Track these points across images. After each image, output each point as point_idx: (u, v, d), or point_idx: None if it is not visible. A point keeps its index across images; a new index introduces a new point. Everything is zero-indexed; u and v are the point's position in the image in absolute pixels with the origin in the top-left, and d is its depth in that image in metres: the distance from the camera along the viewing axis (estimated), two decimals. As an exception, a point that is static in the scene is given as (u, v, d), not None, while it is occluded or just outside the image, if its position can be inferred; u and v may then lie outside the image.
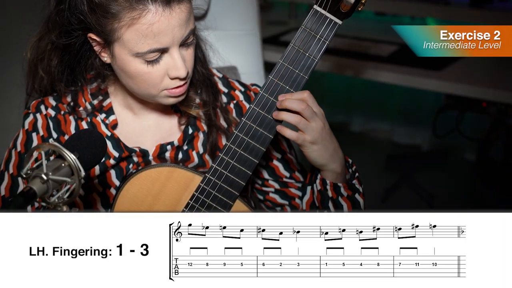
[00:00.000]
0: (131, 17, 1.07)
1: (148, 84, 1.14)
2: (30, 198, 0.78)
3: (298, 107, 1.11)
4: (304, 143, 1.13)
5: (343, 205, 1.23)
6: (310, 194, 1.26)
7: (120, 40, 1.09)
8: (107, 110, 1.25)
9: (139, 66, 1.11)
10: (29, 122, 1.24)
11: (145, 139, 1.26)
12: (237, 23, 1.79)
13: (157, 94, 1.16)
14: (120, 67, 1.14)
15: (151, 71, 1.12)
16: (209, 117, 1.27)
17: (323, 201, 1.23)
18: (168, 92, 1.16)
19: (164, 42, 1.09)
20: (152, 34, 1.07)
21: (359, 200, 1.25)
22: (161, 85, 1.14)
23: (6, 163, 1.24)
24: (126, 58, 1.11)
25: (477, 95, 2.33)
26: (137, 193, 1.17)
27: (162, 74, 1.13)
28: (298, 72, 1.14)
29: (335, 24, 1.12)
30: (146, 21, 1.06)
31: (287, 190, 1.34)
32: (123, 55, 1.11)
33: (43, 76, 1.23)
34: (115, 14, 1.07)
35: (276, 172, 1.33)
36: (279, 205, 1.35)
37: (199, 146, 1.28)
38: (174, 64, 1.12)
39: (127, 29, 1.08)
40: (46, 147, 0.81)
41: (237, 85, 1.34)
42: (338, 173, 1.20)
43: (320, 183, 1.22)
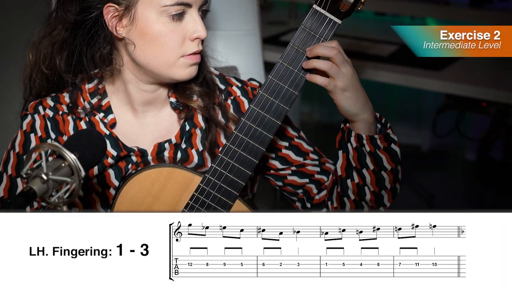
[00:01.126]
0: None
1: (168, 47, 1.16)
2: (30, 198, 0.78)
3: (330, 53, 1.11)
4: (335, 89, 1.13)
5: (382, 157, 1.21)
6: (343, 158, 1.23)
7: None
8: (105, 109, 1.25)
9: (163, 25, 1.14)
10: (27, 123, 1.24)
11: (143, 138, 1.26)
12: (237, 23, 1.79)
13: (174, 61, 1.17)
14: (142, 29, 1.15)
15: (174, 30, 1.15)
16: (208, 111, 1.27)
17: (360, 159, 1.20)
18: (186, 59, 1.17)
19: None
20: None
21: (396, 150, 1.24)
22: (180, 50, 1.16)
23: (5, 165, 1.24)
24: (151, 17, 1.14)
25: (477, 95, 2.33)
26: (137, 194, 1.17)
27: (183, 36, 1.16)
28: (298, 72, 1.14)
29: (334, 24, 1.12)
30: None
31: (304, 169, 1.32)
32: (147, 13, 1.14)
33: (47, 72, 1.23)
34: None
35: (289, 160, 1.31)
36: (300, 186, 1.33)
37: (198, 143, 1.27)
38: (195, 24, 1.16)
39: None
40: (46, 147, 0.81)
41: (234, 81, 1.34)
42: (370, 122, 1.18)
43: (355, 140, 1.19)
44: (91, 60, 1.22)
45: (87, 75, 1.24)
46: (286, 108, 1.15)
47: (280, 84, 1.14)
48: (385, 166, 1.22)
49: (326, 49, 1.12)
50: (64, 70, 1.22)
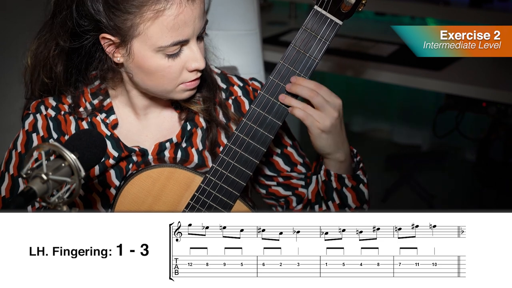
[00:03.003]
0: (155, 10, 1.07)
1: (166, 79, 1.14)
2: (30, 198, 0.78)
3: (308, 94, 1.12)
4: (312, 128, 1.14)
5: (348, 195, 1.23)
6: (315, 184, 1.27)
7: (142, 35, 1.09)
8: (107, 109, 1.25)
9: (160, 61, 1.12)
10: (29, 123, 1.24)
11: (145, 139, 1.26)
12: (237, 23, 1.79)
13: (173, 89, 1.17)
14: (138, 64, 1.13)
15: (171, 65, 1.12)
16: (209, 112, 1.27)
17: (327, 192, 1.23)
18: (185, 86, 1.16)
19: (186, 33, 1.10)
20: (176, 26, 1.08)
21: (363, 191, 1.25)
22: (179, 79, 1.15)
23: (6, 164, 1.24)
24: (146, 54, 1.11)
25: (477, 95, 2.33)
26: (138, 193, 1.17)
27: (181, 68, 1.14)
28: (299, 72, 1.14)
29: (335, 25, 1.12)
30: (171, 13, 1.07)
31: (289, 182, 1.33)
32: (143, 51, 1.11)
33: (46, 81, 1.22)
34: (137, 8, 1.07)
35: (277, 167, 1.32)
36: (282, 197, 1.35)
37: (198, 142, 1.28)
38: (194, 56, 1.13)
39: (152, 23, 1.08)
40: (46, 147, 0.81)
41: (235, 80, 1.34)
42: (341, 161, 1.20)
43: (324, 174, 1.22)
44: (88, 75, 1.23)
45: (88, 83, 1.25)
46: (287, 109, 1.15)
47: (281, 85, 1.14)
48: (349, 204, 1.24)
49: (305, 90, 1.12)
50: (63, 82, 1.22)
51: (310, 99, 1.13)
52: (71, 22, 1.13)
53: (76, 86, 1.24)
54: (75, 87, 1.24)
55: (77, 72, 1.22)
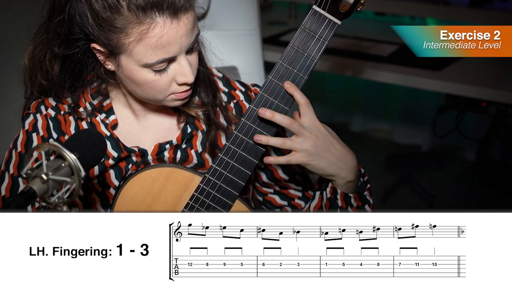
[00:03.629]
0: (139, 31, 1.06)
1: (156, 91, 1.14)
2: (30, 198, 0.78)
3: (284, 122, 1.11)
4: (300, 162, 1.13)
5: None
6: (318, 199, 1.24)
7: (128, 52, 1.09)
8: (107, 110, 1.25)
9: (147, 75, 1.11)
10: (29, 123, 1.24)
11: (144, 139, 1.26)
12: (237, 23, 1.79)
13: (163, 98, 1.17)
14: (127, 75, 1.14)
15: (159, 79, 1.12)
16: (208, 116, 1.27)
17: (331, 209, 1.21)
18: (175, 96, 1.16)
19: (172, 51, 1.09)
20: (161, 46, 1.07)
21: (368, 212, 1.22)
22: (169, 91, 1.15)
23: (7, 164, 1.24)
24: (134, 68, 1.11)
25: (477, 95, 2.33)
26: (137, 193, 1.17)
27: (170, 81, 1.13)
28: (298, 72, 1.14)
29: (334, 24, 1.12)
30: (154, 34, 1.06)
31: (286, 191, 1.33)
32: (130, 65, 1.11)
33: (44, 83, 1.22)
34: (122, 29, 1.07)
35: (275, 175, 1.32)
36: (278, 206, 1.35)
37: (198, 145, 1.28)
38: (182, 71, 1.12)
39: (136, 44, 1.07)
40: (46, 147, 0.81)
41: (237, 85, 1.34)
42: (350, 181, 1.17)
43: (330, 191, 1.20)
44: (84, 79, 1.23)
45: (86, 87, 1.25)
46: (286, 109, 1.15)
47: (280, 84, 1.14)
48: None
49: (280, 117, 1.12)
50: (59, 85, 1.22)
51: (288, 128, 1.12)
52: (64, 29, 1.14)
53: (72, 90, 1.24)
54: (71, 91, 1.24)
55: (71, 78, 1.22)
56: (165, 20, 1.06)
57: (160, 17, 1.05)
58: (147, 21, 1.05)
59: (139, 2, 1.04)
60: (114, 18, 1.06)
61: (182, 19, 1.07)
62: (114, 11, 1.05)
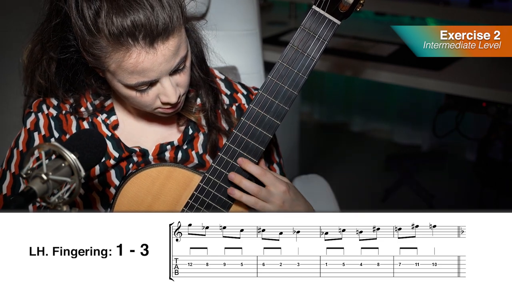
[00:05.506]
0: (116, 57, 1.06)
1: (141, 105, 1.15)
2: (30, 198, 0.78)
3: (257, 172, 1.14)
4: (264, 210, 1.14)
5: None
6: None
7: (110, 71, 1.09)
8: (108, 110, 1.25)
9: (131, 92, 1.12)
10: (31, 121, 1.24)
11: (145, 139, 1.27)
12: (237, 23, 1.79)
13: (151, 111, 1.17)
14: (113, 89, 1.15)
15: (143, 95, 1.12)
16: (208, 119, 1.27)
17: None
18: (162, 110, 1.17)
19: (151, 76, 1.08)
20: (139, 71, 1.06)
21: None
22: (154, 105, 1.15)
23: (8, 162, 1.24)
24: (117, 85, 1.12)
25: (477, 95, 2.33)
26: (137, 193, 1.17)
27: (154, 98, 1.13)
28: (297, 72, 1.14)
29: (333, 24, 1.12)
30: (131, 60, 1.05)
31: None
32: (114, 82, 1.12)
33: (41, 82, 1.23)
34: (101, 53, 1.06)
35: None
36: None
37: (199, 146, 1.28)
38: (165, 92, 1.12)
39: (116, 67, 1.07)
40: (46, 147, 0.81)
41: (239, 87, 1.34)
42: None
43: None
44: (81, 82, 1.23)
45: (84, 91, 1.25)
46: (285, 108, 1.15)
47: (279, 84, 1.14)
48: None
49: (255, 167, 1.14)
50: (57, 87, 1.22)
51: (260, 178, 1.14)
52: (59, 33, 1.14)
53: (68, 91, 1.24)
54: (68, 92, 1.24)
55: (66, 80, 1.22)
56: (140, 49, 1.04)
57: (135, 46, 1.04)
58: (122, 49, 1.04)
59: (114, 31, 1.03)
60: (93, 43, 1.06)
61: (160, 48, 1.05)
62: (94, 36, 1.05)
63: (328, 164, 3.30)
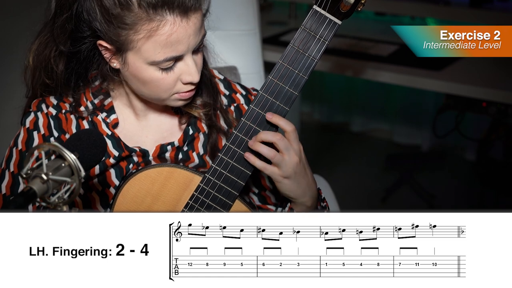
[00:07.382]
0: (149, 29, 1.06)
1: (160, 89, 1.15)
2: (30, 198, 0.78)
3: (273, 138, 1.13)
4: (274, 176, 1.14)
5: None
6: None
7: (136, 49, 1.09)
8: (108, 109, 1.25)
9: (153, 73, 1.12)
10: (30, 121, 1.24)
11: (145, 139, 1.27)
12: (237, 23, 1.79)
13: (167, 97, 1.17)
14: (133, 73, 1.14)
15: (165, 77, 1.12)
16: (210, 117, 1.27)
17: None
18: (179, 96, 1.17)
19: (180, 50, 1.10)
20: (169, 44, 1.08)
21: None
22: (173, 90, 1.15)
23: (7, 161, 1.24)
24: (140, 66, 1.12)
25: (477, 95, 2.33)
26: (137, 193, 1.17)
27: (175, 80, 1.14)
28: (298, 72, 1.14)
29: (334, 24, 1.12)
30: (164, 31, 1.07)
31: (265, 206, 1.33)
32: (137, 63, 1.11)
33: (48, 82, 1.23)
34: (131, 26, 1.07)
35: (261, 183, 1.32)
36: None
37: (200, 147, 1.28)
38: (188, 70, 1.13)
39: (145, 41, 1.08)
40: (46, 147, 0.81)
41: (238, 88, 1.34)
42: (307, 206, 1.20)
43: (288, 211, 1.22)
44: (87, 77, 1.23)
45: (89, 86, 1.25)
46: (286, 109, 1.15)
47: (280, 84, 1.14)
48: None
49: (270, 134, 1.13)
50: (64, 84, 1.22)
51: (277, 142, 1.13)
52: (70, 26, 1.14)
53: (76, 89, 1.24)
54: (75, 90, 1.24)
55: (76, 76, 1.22)
56: (175, 18, 1.07)
57: (170, 15, 1.06)
58: (157, 18, 1.06)
59: (151, 0, 1.05)
60: (124, 15, 1.06)
61: (192, 18, 1.08)
62: (125, 8, 1.06)
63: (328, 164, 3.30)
